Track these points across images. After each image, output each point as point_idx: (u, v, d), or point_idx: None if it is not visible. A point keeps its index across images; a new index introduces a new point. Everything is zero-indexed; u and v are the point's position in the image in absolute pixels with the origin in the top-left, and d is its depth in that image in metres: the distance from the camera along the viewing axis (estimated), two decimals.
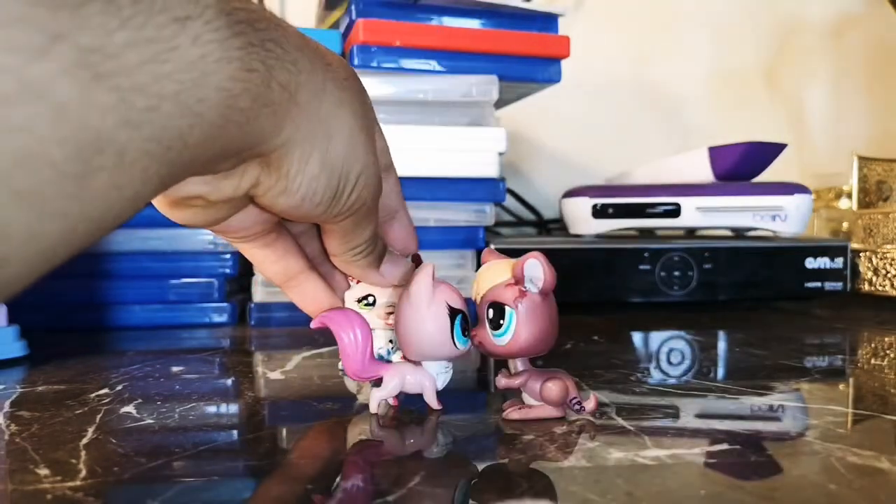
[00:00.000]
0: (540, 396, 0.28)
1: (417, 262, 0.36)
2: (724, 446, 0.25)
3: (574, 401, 0.28)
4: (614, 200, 0.61)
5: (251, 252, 0.28)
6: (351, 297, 0.34)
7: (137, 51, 0.15)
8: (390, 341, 0.35)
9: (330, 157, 0.23)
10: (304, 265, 0.29)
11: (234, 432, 0.28)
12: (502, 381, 0.28)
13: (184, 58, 0.16)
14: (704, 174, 0.63)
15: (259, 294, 0.53)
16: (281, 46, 0.20)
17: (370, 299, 0.34)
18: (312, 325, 0.29)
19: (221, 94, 0.17)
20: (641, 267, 0.58)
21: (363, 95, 0.25)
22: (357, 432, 0.27)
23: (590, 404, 0.28)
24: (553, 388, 0.27)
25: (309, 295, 0.29)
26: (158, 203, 0.24)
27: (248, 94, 0.18)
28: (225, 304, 0.53)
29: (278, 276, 0.29)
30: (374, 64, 0.53)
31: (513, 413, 0.28)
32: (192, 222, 0.24)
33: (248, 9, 0.19)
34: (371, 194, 0.25)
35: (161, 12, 0.16)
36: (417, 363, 0.29)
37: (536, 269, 0.27)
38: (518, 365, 0.28)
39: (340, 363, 0.35)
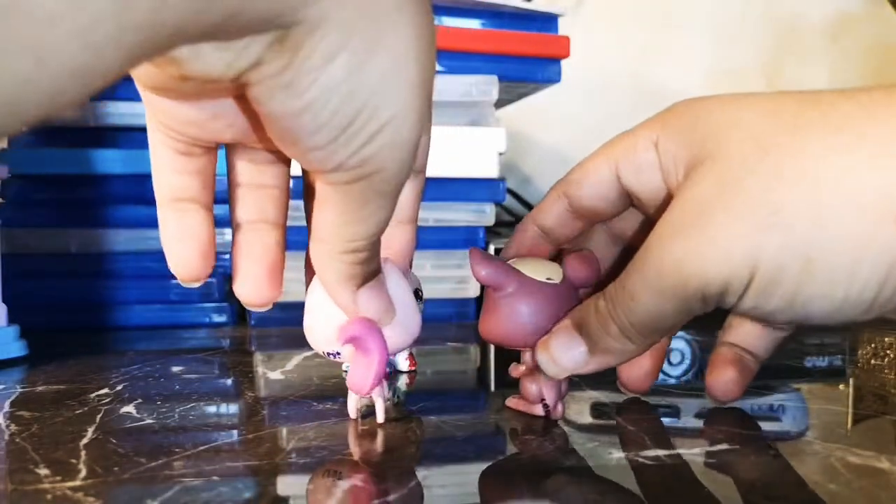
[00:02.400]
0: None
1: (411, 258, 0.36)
2: (724, 446, 0.25)
3: (544, 402, 0.28)
4: None
5: (162, 148, 0.22)
6: None
7: None
8: None
9: (365, 70, 0.16)
10: (203, 196, 0.23)
11: (234, 432, 0.28)
12: (511, 372, 0.29)
13: None
14: None
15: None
16: None
17: None
18: (339, 340, 0.25)
19: None
20: None
21: (429, 15, 0.19)
22: (357, 432, 0.27)
23: (556, 412, 0.28)
24: (528, 387, 0.28)
25: (188, 229, 0.23)
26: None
27: None
28: (225, 304, 0.53)
29: (170, 189, 0.23)
30: None
31: (510, 401, 0.30)
32: (146, 82, 0.19)
33: None
34: (397, 157, 0.19)
35: None
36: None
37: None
38: (527, 357, 0.29)
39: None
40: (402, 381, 0.35)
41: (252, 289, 0.24)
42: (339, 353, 0.26)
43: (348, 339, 0.24)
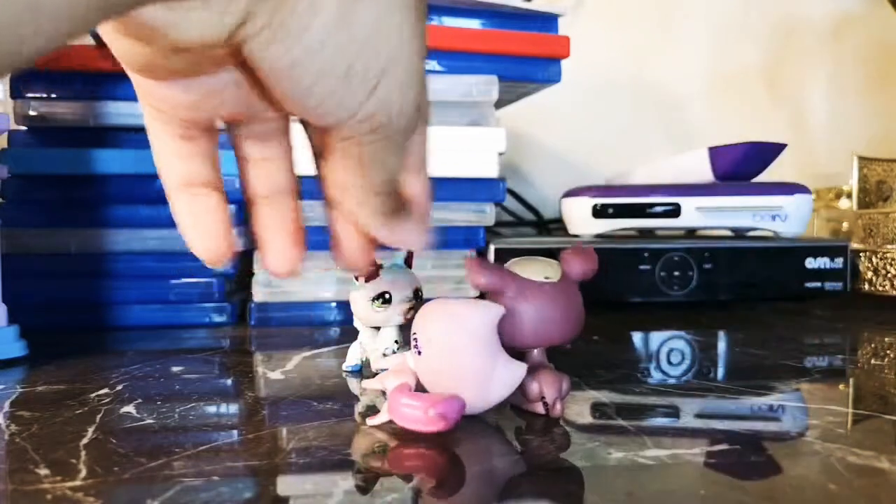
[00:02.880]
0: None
1: (411, 258, 0.37)
2: (724, 446, 0.25)
3: (544, 400, 0.28)
4: (614, 200, 0.61)
5: (162, 135, 0.22)
6: (363, 297, 0.34)
7: None
8: (395, 341, 0.35)
9: (356, 13, 0.16)
10: (213, 178, 0.23)
11: (234, 432, 0.28)
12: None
13: None
14: (704, 174, 0.63)
15: (259, 294, 0.53)
16: None
17: (386, 296, 0.34)
18: (380, 420, 0.27)
19: None
20: (641, 267, 0.58)
21: None
22: (357, 432, 0.27)
23: (555, 411, 0.28)
24: (529, 385, 0.28)
25: (202, 211, 0.23)
26: (104, 29, 0.18)
27: None
28: (225, 304, 0.53)
29: (176, 175, 0.22)
30: None
31: (513, 399, 0.29)
32: (136, 64, 0.18)
33: None
34: (404, 106, 0.19)
35: None
36: None
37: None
38: (533, 356, 0.29)
39: (347, 363, 0.35)
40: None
41: (281, 258, 0.24)
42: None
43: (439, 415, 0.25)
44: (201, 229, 0.23)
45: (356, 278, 0.34)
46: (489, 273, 0.27)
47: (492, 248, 0.56)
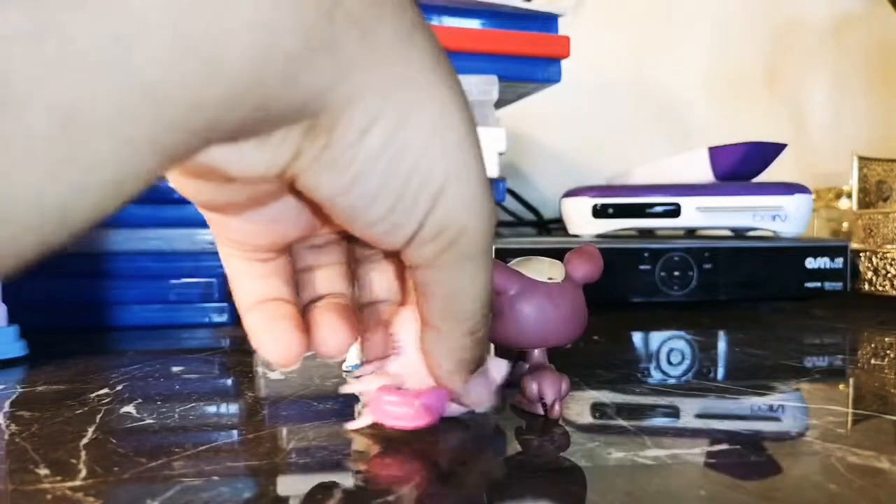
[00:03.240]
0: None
1: None
2: (724, 446, 0.25)
3: (543, 401, 0.28)
4: (614, 200, 0.61)
5: (237, 260, 0.22)
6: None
7: None
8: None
9: (406, 132, 0.16)
10: (288, 295, 0.23)
11: (234, 432, 0.28)
12: (516, 371, 0.29)
13: None
14: (704, 174, 0.63)
15: None
16: None
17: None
18: (361, 424, 0.25)
19: (256, 33, 0.12)
20: (641, 267, 0.58)
21: (463, 91, 0.18)
22: (357, 432, 0.27)
23: (553, 411, 0.28)
24: (529, 386, 0.28)
25: (273, 322, 0.22)
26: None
27: (296, 31, 0.13)
28: (225, 304, 0.53)
29: (252, 294, 0.22)
30: None
31: (517, 398, 0.30)
32: (199, 197, 0.18)
33: None
34: (474, 213, 0.18)
35: None
36: None
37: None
38: (534, 356, 0.29)
39: (347, 363, 0.35)
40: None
41: (334, 341, 0.24)
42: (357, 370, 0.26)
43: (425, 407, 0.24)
44: (279, 342, 0.22)
45: None
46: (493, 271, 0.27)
47: (492, 248, 0.56)
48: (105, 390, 0.33)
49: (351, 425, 0.27)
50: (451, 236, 0.18)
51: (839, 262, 0.61)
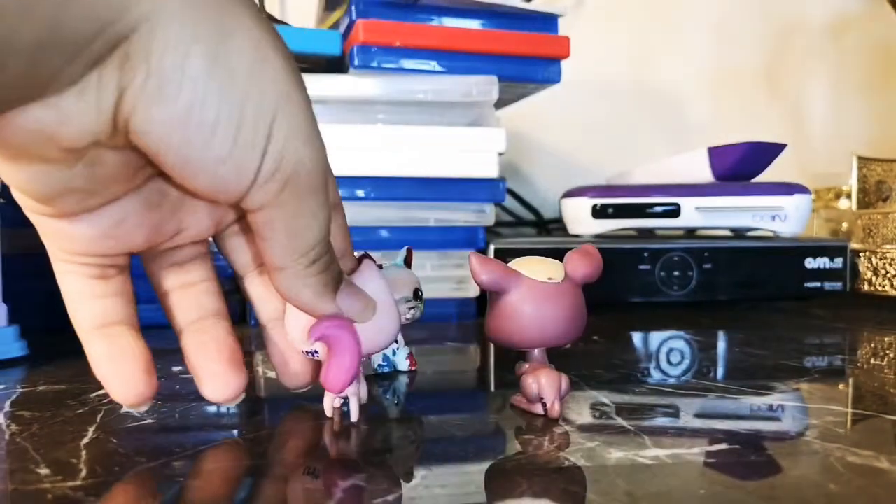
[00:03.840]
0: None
1: (411, 259, 0.37)
2: (724, 446, 0.25)
3: (542, 401, 0.28)
4: (614, 200, 0.61)
5: (74, 277, 0.21)
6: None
7: None
8: (395, 341, 0.35)
9: (227, 56, 0.16)
10: (129, 316, 0.23)
11: (234, 432, 0.28)
12: (517, 370, 0.30)
13: None
14: (704, 174, 0.63)
15: None
16: None
17: None
18: (312, 340, 0.25)
19: None
20: (641, 267, 0.58)
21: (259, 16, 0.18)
22: (357, 432, 0.27)
23: (553, 411, 0.28)
24: (529, 386, 0.28)
25: (123, 351, 0.22)
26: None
27: None
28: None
29: (92, 317, 0.22)
30: (374, 64, 0.53)
31: (514, 399, 0.30)
32: (32, 187, 0.18)
33: None
34: (309, 146, 0.18)
35: None
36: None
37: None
38: (533, 356, 0.29)
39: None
40: (403, 382, 0.35)
41: (221, 387, 0.24)
42: (316, 352, 0.26)
43: (319, 338, 0.24)
44: (120, 372, 0.22)
45: None
46: (492, 270, 0.27)
47: (492, 248, 0.56)
48: (105, 390, 0.33)
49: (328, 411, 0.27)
50: (289, 171, 0.18)
51: (839, 262, 0.61)
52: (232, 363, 0.24)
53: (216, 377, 0.23)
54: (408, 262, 0.36)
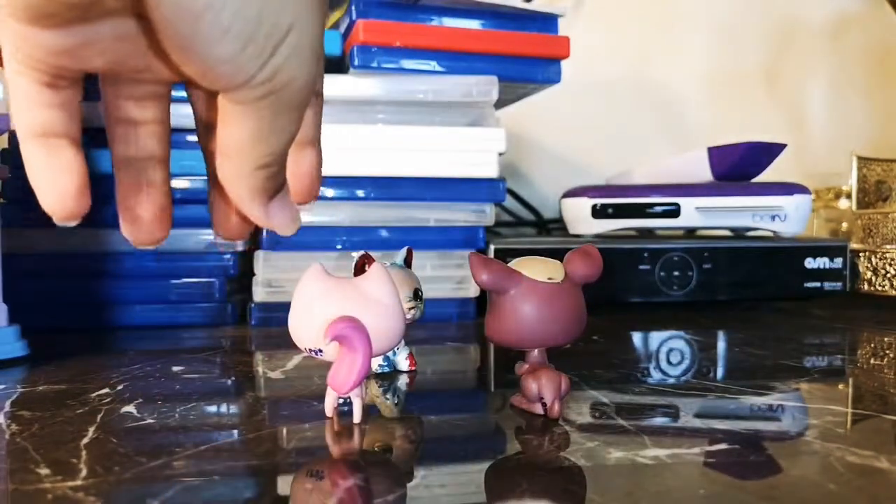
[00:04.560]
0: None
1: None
2: (724, 446, 0.25)
3: (542, 401, 0.28)
4: (614, 200, 0.61)
5: (24, 81, 0.20)
6: None
7: None
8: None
9: None
10: (72, 130, 0.21)
11: (235, 432, 0.28)
12: (517, 370, 0.30)
13: None
14: (704, 174, 0.63)
15: (259, 294, 0.53)
16: None
17: None
18: (326, 338, 0.25)
19: None
20: (641, 267, 0.58)
21: None
22: (357, 432, 0.27)
23: (553, 411, 0.28)
24: (529, 386, 0.28)
25: (60, 164, 0.21)
26: None
27: None
28: (225, 304, 0.53)
29: (34, 124, 0.21)
30: (375, 64, 0.53)
31: (514, 399, 0.30)
32: (26, 13, 0.18)
33: None
34: (304, 67, 0.18)
35: None
36: None
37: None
38: (533, 356, 0.29)
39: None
40: (403, 382, 0.35)
41: (144, 229, 0.23)
42: (321, 351, 0.26)
43: (335, 338, 0.25)
44: (56, 183, 0.21)
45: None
46: (492, 271, 0.27)
47: (492, 248, 0.56)
48: (105, 390, 0.33)
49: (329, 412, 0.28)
50: (279, 84, 0.18)
51: (838, 262, 0.61)
52: (162, 211, 0.24)
53: (141, 220, 0.23)
54: (408, 262, 0.36)
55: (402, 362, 0.37)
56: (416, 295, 0.35)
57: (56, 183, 0.21)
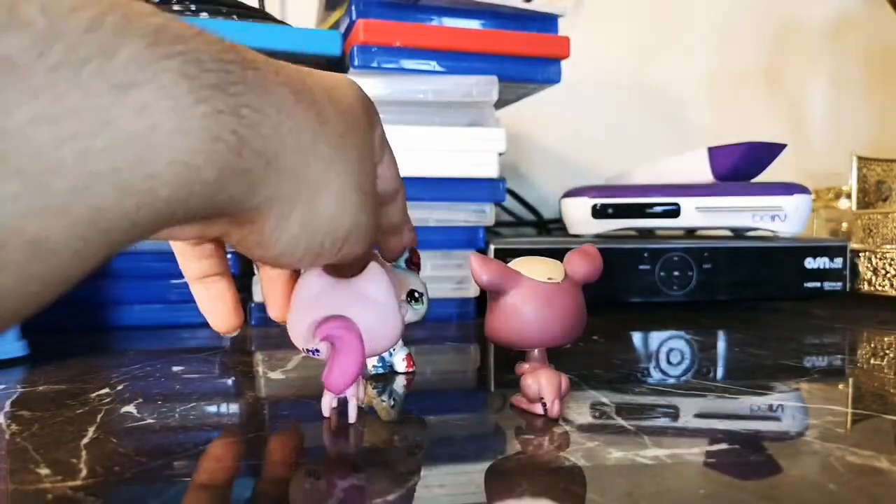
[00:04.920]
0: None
1: (417, 261, 0.37)
2: (724, 446, 0.25)
3: (542, 401, 0.28)
4: (614, 200, 0.61)
5: (179, 244, 0.27)
6: None
7: (51, 128, 0.14)
8: None
9: (315, 217, 0.21)
10: (221, 268, 0.28)
11: (234, 432, 0.28)
12: (517, 370, 0.30)
13: (122, 131, 0.14)
14: (704, 174, 0.63)
15: (259, 294, 0.53)
16: (259, 111, 0.18)
17: None
18: (316, 337, 0.27)
19: (177, 168, 0.16)
20: (641, 267, 0.58)
21: (362, 146, 0.23)
22: (357, 432, 0.27)
23: (553, 411, 0.28)
24: (529, 386, 0.28)
25: (218, 294, 0.28)
26: None
27: (212, 166, 0.17)
28: None
29: (194, 271, 0.28)
30: (374, 64, 0.53)
31: (514, 399, 0.30)
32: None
33: (225, 69, 0.17)
34: (360, 251, 0.23)
35: (94, 78, 0.14)
36: None
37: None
38: (533, 356, 0.29)
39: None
40: (400, 384, 0.35)
41: (224, 323, 0.29)
42: (318, 351, 0.26)
43: (324, 337, 0.25)
44: (217, 310, 0.28)
45: None
46: (493, 271, 0.27)
47: (492, 248, 0.56)
48: (106, 390, 0.33)
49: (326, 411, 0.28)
50: (343, 262, 0.24)
51: (838, 262, 0.61)
52: (235, 306, 0.29)
53: (220, 315, 0.28)
54: (413, 263, 0.36)
55: (399, 363, 0.37)
56: (412, 296, 0.34)
57: (217, 309, 0.28)
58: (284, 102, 0.19)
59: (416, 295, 0.35)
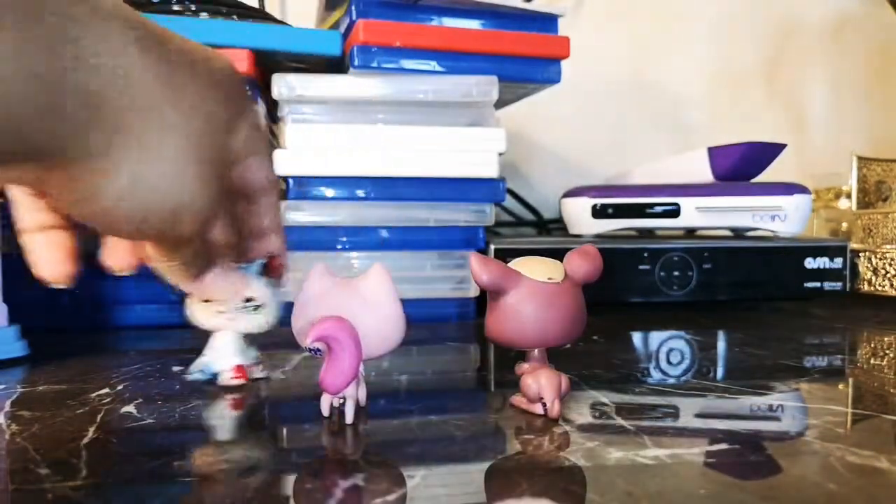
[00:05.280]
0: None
1: (277, 268, 0.33)
2: (724, 446, 0.25)
3: (542, 401, 0.28)
4: (614, 200, 0.61)
5: (18, 191, 0.26)
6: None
7: None
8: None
9: (143, 180, 0.20)
10: (67, 223, 0.26)
11: (235, 432, 0.28)
12: (517, 370, 0.30)
13: None
14: (704, 174, 0.63)
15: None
16: (98, 56, 0.18)
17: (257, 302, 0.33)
18: (310, 340, 0.26)
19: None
20: (641, 267, 0.58)
21: (217, 122, 0.23)
22: (357, 432, 0.27)
23: (552, 411, 0.28)
24: (529, 386, 0.28)
25: (49, 245, 0.26)
26: None
27: (29, 100, 0.17)
28: None
29: (33, 223, 0.26)
30: (375, 64, 0.53)
31: (513, 399, 0.30)
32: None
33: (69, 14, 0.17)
34: (187, 230, 0.23)
35: None
36: None
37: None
38: (533, 356, 0.29)
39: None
40: (403, 381, 0.35)
41: (55, 268, 0.27)
42: (319, 351, 0.26)
43: (319, 338, 0.25)
44: (51, 257, 0.26)
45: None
46: (492, 271, 0.27)
47: (492, 248, 0.56)
48: (105, 390, 0.33)
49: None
50: (175, 237, 0.23)
51: (838, 262, 0.61)
52: (70, 255, 0.27)
53: (51, 262, 0.27)
54: (272, 269, 0.33)
55: (225, 375, 0.33)
56: (249, 304, 0.33)
57: (48, 257, 0.26)
58: (127, 53, 0.19)
59: (253, 303, 0.33)
